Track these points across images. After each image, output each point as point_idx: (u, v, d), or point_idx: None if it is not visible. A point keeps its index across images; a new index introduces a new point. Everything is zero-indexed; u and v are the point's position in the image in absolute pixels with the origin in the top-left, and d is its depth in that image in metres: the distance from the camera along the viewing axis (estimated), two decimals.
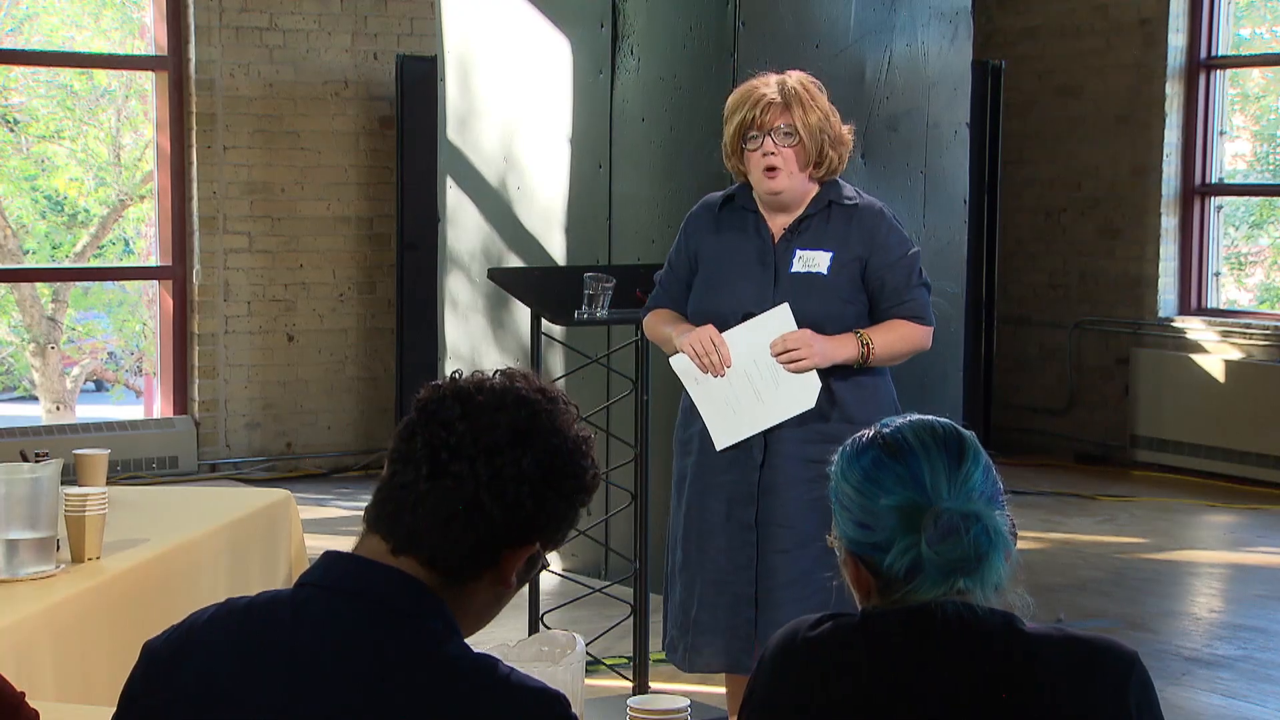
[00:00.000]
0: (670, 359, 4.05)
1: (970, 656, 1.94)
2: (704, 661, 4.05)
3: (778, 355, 3.87)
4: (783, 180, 3.93)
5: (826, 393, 3.91)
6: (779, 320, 3.89)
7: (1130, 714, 1.94)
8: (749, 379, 3.92)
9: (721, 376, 3.93)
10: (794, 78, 3.98)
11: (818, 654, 2.00)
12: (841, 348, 3.89)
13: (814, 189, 3.99)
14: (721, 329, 3.94)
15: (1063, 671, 1.94)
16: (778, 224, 4.00)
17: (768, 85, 3.95)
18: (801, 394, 3.89)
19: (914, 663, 1.95)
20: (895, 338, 3.92)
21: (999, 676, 1.93)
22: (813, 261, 3.93)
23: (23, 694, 2.22)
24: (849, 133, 4.02)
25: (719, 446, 3.98)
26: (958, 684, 1.93)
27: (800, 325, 3.89)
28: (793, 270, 3.94)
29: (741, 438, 3.95)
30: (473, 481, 1.82)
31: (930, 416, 2.07)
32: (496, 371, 1.92)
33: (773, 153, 3.92)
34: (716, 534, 3.99)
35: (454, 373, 1.94)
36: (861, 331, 3.91)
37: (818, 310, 3.91)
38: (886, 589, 1.98)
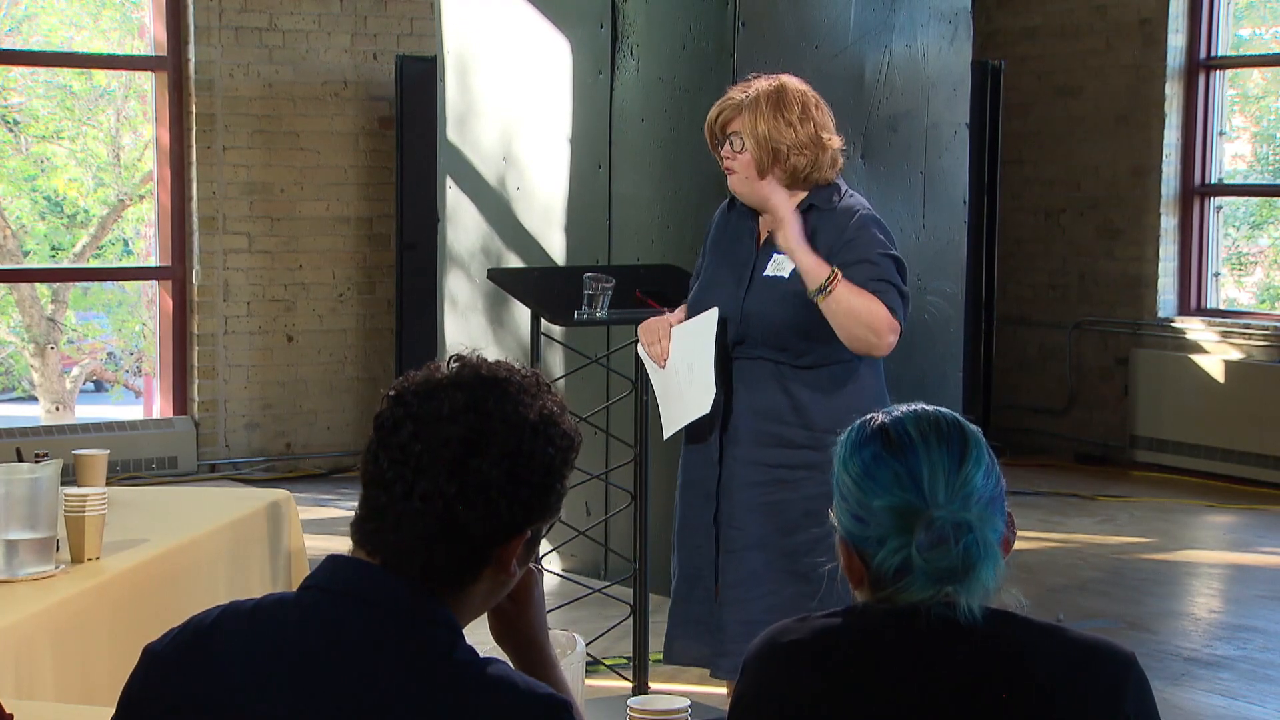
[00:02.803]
0: (638, 346, 4.19)
1: (962, 657, 1.94)
2: (675, 654, 4.11)
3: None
4: (737, 183, 3.96)
5: (786, 396, 3.91)
6: (705, 324, 3.96)
7: (1128, 717, 1.93)
8: (676, 376, 4.02)
9: (663, 368, 4.03)
10: (767, 83, 3.96)
11: (804, 654, 2.00)
12: (810, 258, 3.80)
13: (799, 194, 3.97)
14: None
15: (1058, 673, 1.93)
16: (764, 228, 4.03)
17: (744, 90, 3.97)
18: (701, 398, 3.95)
19: (904, 663, 1.95)
20: (862, 303, 3.77)
21: (993, 677, 1.93)
22: (782, 265, 3.93)
23: (11, 716, 2.19)
24: (832, 139, 3.94)
25: (665, 435, 4.11)
26: (950, 685, 1.93)
27: (763, 329, 3.92)
28: (764, 274, 3.96)
29: (673, 430, 4.06)
30: (441, 500, 1.80)
31: (935, 408, 2.04)
32: (451, 358, 1.89)
33: (728, 157, 3.96)
34: (688, 530, 4.07)
35: (402, 377, 1.90)
36: (837, 270, 3.79)
37: (780, 313, 3.90)
38: (877, 583, 1.98)
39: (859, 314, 3.78)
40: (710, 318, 3.95)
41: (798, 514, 3.85)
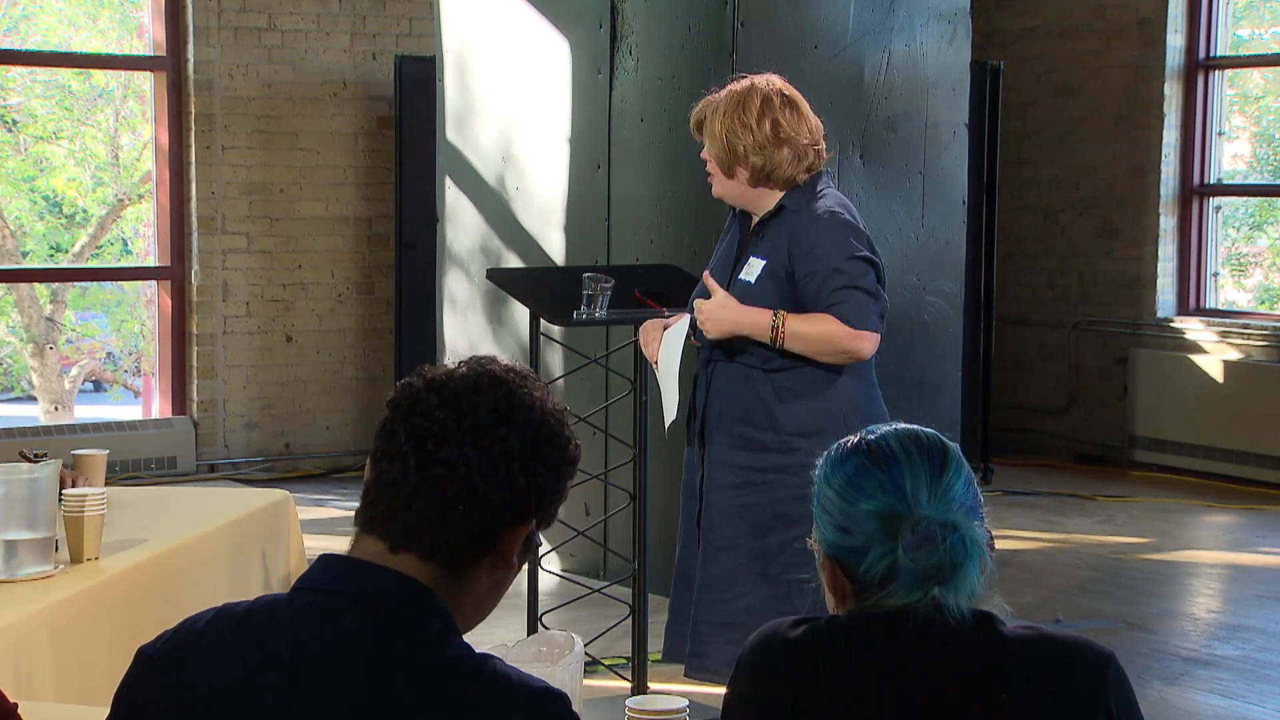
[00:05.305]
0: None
1: (952, 657, 1.96)
2: (667, 652, 4.22)
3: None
4: (716, 186, 3.99)
5: (756, 399, 3.94)
6: (680, 327, 4.04)
7: (1110, 712, 1.98)
8: (663, 376, 4.12)
9: (656, 367, 4.15)
10: (739, 84, 3.99)
11: (797, 656, 2.02)
12: (748, 318, 3.87)
13: (774, 193, 3.97)
14: None
15: (1040, 672, 1.97)
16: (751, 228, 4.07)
17: (721, 91, 4.01)
18: (669, 404, 4.06)
19: (895, 663, 1.97)
20: (814, 330, 3.82)
21: (981, 677, 1.96)
22: (750, 269, 3.97)
23: (15, 705, 2.19)
24: (797, 138, 3.92)
25: (664, 432, 4.25)
26: (940, 684, 1.96)
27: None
28: (740, 276, 3.98)
29: (667, 425, 4.15)
30: (463, 466, 1.81)
31: (915, 426, 2.10)
32: (460, 363, 1.92)
33: (705, 158, 4.01)
34: (683, 528, 4.15)
35: (420, 368, 1.93)
36: (780, 312, 3.85)
37: None
38: (862, 593, 2.01)
39: (815, 341, 3.83)
40: (685, 322, 4.03)
41: (769, 516, 3.87)
